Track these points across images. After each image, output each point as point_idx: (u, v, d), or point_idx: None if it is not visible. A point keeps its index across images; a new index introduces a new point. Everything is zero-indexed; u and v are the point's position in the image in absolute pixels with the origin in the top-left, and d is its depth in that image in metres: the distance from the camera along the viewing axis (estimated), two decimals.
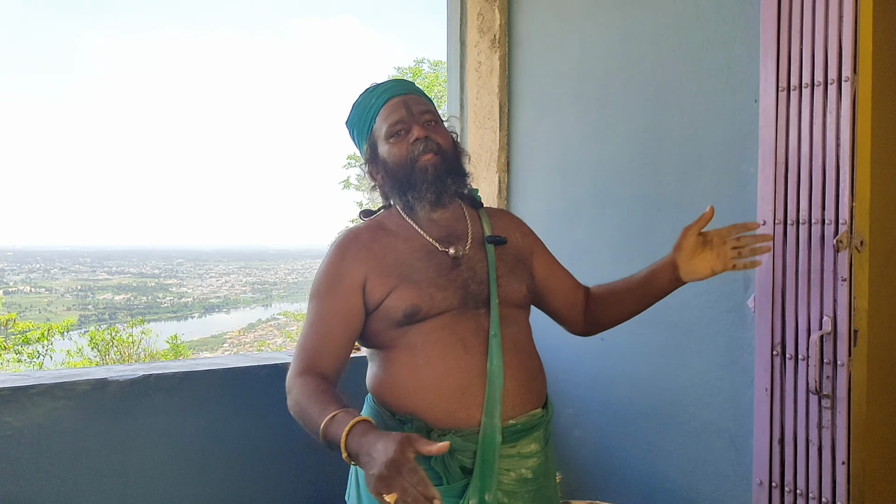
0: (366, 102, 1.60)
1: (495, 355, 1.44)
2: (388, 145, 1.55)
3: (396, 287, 1.48)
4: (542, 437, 1.52)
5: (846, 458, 1.87)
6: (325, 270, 1.54)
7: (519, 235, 1.70)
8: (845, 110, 1.88)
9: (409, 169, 1.52)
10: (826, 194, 1.91)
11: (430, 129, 1.55)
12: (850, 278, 1.87)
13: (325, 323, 1.50)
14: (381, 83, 1.61)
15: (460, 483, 1.42)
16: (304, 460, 2.54)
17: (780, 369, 1.98)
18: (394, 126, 1.54)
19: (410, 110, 1.55)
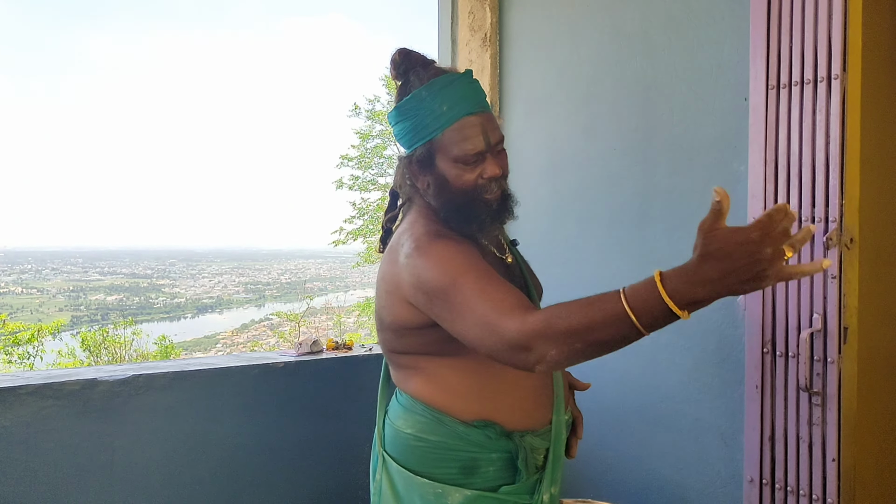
0: (433, 106, 1.40)
1: None
2: (455, 167, 1.41)
3: None
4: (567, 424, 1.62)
5: (836, 454, 1.87)
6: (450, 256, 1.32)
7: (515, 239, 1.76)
8: (835, 108, 1.88)
9: (472, 199, 1.43)
10: (816, 192, 1.91)
11: (501, 162, 1.45)
12: (840, 276, 1.88)
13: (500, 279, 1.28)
14: (454, 83, 1.42)
15: (532, 479, 1.46)
16: (295, 459, 2.54)
17: (771, 366, 1.98)
18: (468, 152, 1.40)
19: (488, 139, 1.42)
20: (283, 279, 41.49)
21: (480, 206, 1.43)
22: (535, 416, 1.48)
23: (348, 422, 2.65)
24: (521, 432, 1.45)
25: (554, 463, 1.48)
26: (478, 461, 1.43)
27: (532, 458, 1.45)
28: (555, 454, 1.48)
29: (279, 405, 2.50)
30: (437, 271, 1.30)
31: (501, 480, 1.44)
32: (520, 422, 1.45)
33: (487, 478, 1.43)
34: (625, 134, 2.47)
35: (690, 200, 2.26)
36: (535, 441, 1.46)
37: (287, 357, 2.58)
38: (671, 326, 2.31)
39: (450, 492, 1.41)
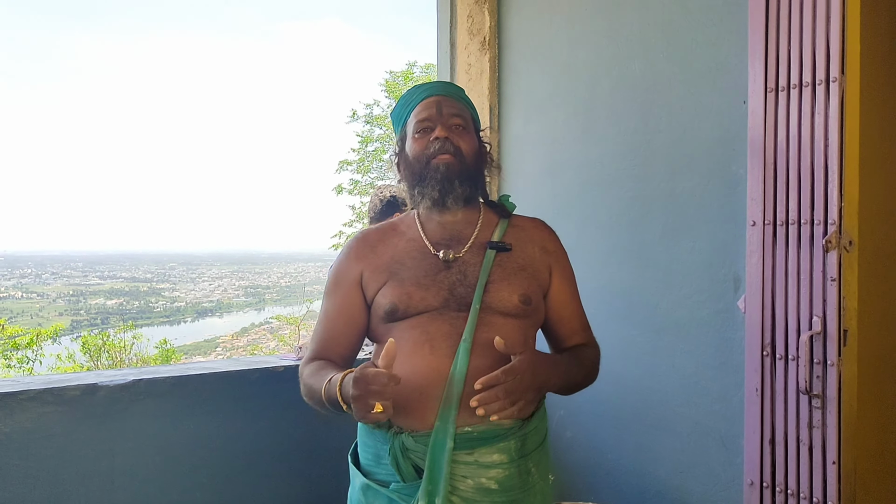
0: (406, 98, 1.65)
1: (461, 360, 1.42)
2: (412, 140, 1.60)
3: (385, 284, 1.54)
4: (513, 449, 1.45)
5: (837, 457, 1.87)
6: (333, 269, 1.64)
7: (538, 250, 1.64)
8: (833, 111, 1.88)
9: (424, 165, 1.56)
10: (815, 195, 1.91)
11: (453, 132, 1.58)
12: (840, 278, 1.88)
13: (330, 318, 1.61)
14: (424, 84, 1.66)
15: (414, 483, 1.42)
16: (296, 463, 2.53)
17: (771, 369, 1.98)
18: (421, 122, 1.59)
19: (441, 110, 1.58)
20: (283, 283, 41.46)
21: (429, 172, 1.56)
22: (416, 417, 1.43)
23: (347, 425, 2.64)
24: (399, 428, 1.46)
25: (432, 471, 1.38)
26: (378, 451, 1.49)
27: (405, 458, 1.43)
28: (432, 460, 1.39)
29: (280, 409, 2.50)
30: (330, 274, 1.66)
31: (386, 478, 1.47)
32: (400, 418, 1.45)
33: (389, 471, 1.46)
34: (623, 136, 2.47)
35: (690, 203, 2.26)
36: (408, 441, 1.42)
37: (287, 361, 2.58)
38: (670, 330, 2.32)
39: (355, 475, 1.55)
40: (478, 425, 1.42)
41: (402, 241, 1.61)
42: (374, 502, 1.47)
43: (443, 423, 1.39)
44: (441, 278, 1.51)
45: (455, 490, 1.40)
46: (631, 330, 2.44)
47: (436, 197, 1.55)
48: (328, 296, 1.63)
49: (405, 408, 1.43)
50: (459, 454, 1.40)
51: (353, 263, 1.60)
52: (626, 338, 2.44)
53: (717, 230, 2.18)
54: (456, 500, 1.40)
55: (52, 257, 54.92)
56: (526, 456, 1.47)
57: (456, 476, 1.40)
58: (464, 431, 1.41)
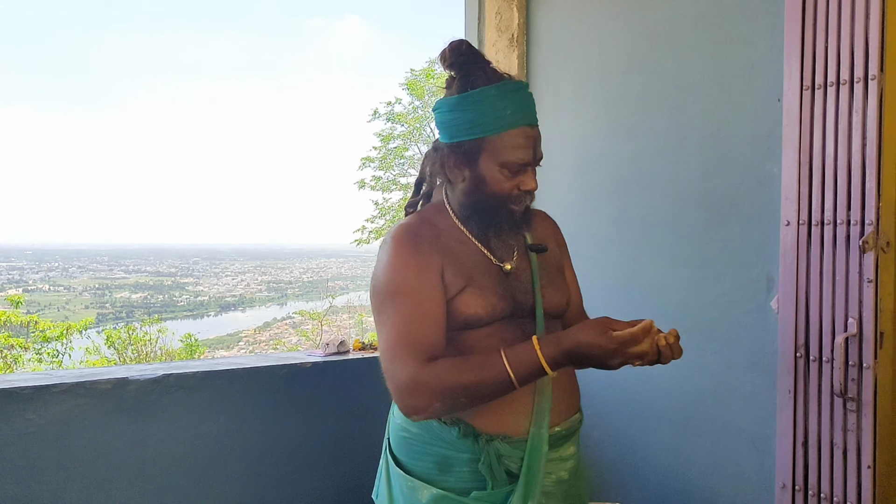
0: (497, 105, 1.42)
1: None
2: (497, 171, 1.44)
3: (465, 289, 1.44)
4: (577, 440, 1.56)
5: (871, 461, 1.84)
6: (403, 264, 1.41)
7: (555, 245, 1.68)
8: (871, 109, 1.85)
9: (501, 205, 1.47)
10: (851, 195, 1.88)
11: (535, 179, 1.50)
12: (876, 280, 1.84)
13: (427, 312, 1.39)
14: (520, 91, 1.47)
15: (505, 488, 1.42)
16: (323, 459, 2.55)
17: (804, 371, 1.96)
18: (517, 160, 1.43)
19: (535, 154, 1.47)
20: (306, 278, 41.66)
21: (504, 214, 1.49)
22: (509, 424, 1.43)
23: (374, 422, 2.65)
24: (490, 436, 1.42)
25: (528, 476, 1.40)
26: (449, 459, 1.44)
27: (499, 465, 1.41)
28: (529, 466, 1.41)
29: (307, 405, 2.51)
30: (387, 275, 1.42)
31: (475, 484, 1.42)
32: (490, 426, 1.42)
33: (462, 478, 1.43)
34: (656, 135, 2.45)
35: (723, 202, 2.23)
36: (503, 448, 1.41)
37: (314, 357, 2.59)
38: (701, 329, 2.30)
39: (419, 487, 1.45)
40: (563, 423, 1.50)
41: (455, 244, 1.49)
42: None
43: (538, 428, 1.43)
44: (507, 286, 1.50)
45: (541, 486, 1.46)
46: (661, 327, 2.41)
47: (500, 233, 1.51)
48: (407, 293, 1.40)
49: (495, 416, 1.44)
50: (549, 453, 1.46)
51: (432, 256, 1.43)
52: None
53: (751, 229, 2.16)
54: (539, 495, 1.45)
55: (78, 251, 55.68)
56: (580, 443, 1.59)
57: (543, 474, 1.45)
58: (554, 432, 1.47)
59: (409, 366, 1.34)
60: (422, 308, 1.39)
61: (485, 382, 1.32)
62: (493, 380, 1.31)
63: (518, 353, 1.32)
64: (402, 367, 1.34)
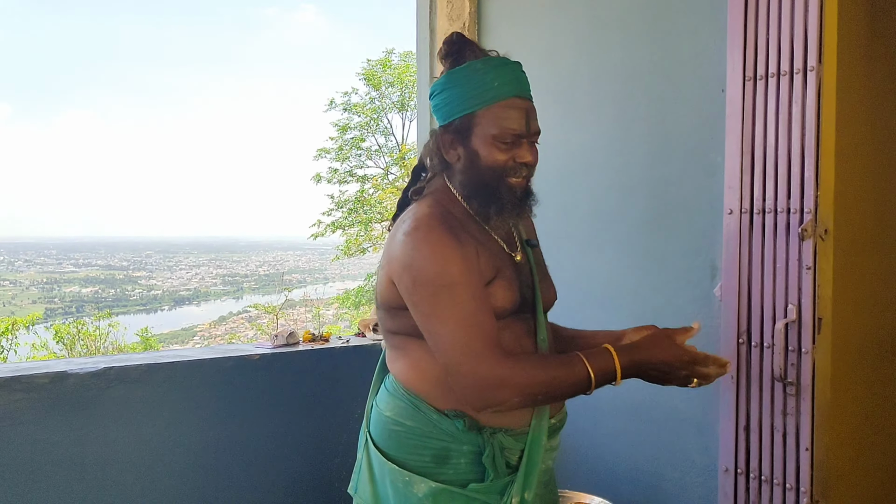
0: (485, 79, 1.41)
1: None
2: (490, 145, 1.41)
3: (495, 279, 1.42)
4: (561, 431, 1.60)
5: (809, 444, 1.89)
6: (450, 254, 1.35)
7: (536, 239, 1.69)
8: (810, 100, 1.88)
9: (498, 180, 1.43)
10: (791, 183, 1.92)
11: (534, 153, 1.47)
12: (815, 266, 1.89)
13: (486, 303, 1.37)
14: (508, 65, 1.46)
15: (503, 480, 1.42)
16: (272, 452, 2.52)
17: (746, 357, 1.99)
18: (508, 132, 1.41)
19: (529, 126, 1.44)
20: (262, 271, 41.20)
21: (504, 189, 1.44)
22: (511, 415, 1.43)
23: (325, 414, 2.63)
24: (494, 429, 1.41)
25: (528, 467, 1.42)
26: (449, 451, 1.42)
27: (501, 457, 1.41)
28: (530, 458, 1.43)
29: (255, 397, 2.48)
30: (437, 265, 1.34)
31: (473, 476, 1.41)
32: (493, 418, 1.41)
33: (459, 471, 1.42)
34: (604, 125, 2.46)
35: (669, 191, 2.26)
36: (506, 440, 1.42)
37: (263, 349, 2.56)
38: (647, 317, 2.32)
39: (416, 481, 1.41)
40: (557, 415, 1.53)
41: (477, 234, 1.46)
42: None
43: (538, 420, 1.45)
44: (519, 279, 1.50)
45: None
46: (609, 317, 2.44)
47: (504, 215, 1.47)
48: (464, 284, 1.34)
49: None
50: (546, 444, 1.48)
51: (469, 243, 1.40)
52: (604, 325, 2.43)
53: (696, 218, 2.19)
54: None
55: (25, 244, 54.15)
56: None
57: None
58: (550, 423, 1.49)
59: (490, 360, 1.30)
60: (480, 299, 1.35)
61: (565, 382, 1.34)
62: (573, 380, 1.34)
63: (597, 358, 1.37)
64: (484, 362, 1.30)
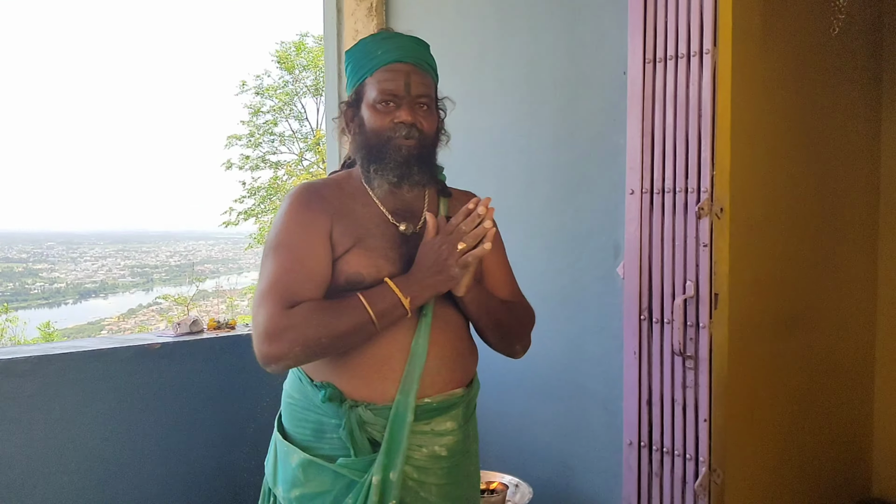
0: (370, 49, 1.47)
1: (422, 333, 1.42)
2: (372, 110, 1.45)
3: (352, 249, 1.43)
4: (461, 416, 1.49)
5: (708, 415, 1.95)
6: (289, 219, 1.42)
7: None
8: (706, 82, 1.94)
9: (384, 143, 1.44)
10: (689, 164, 1.97)
11: (419, 115, 1.46)
12: (711, 244, 1.95)
13: (301, 262, 1.38)
14: (396, 36, 1.50)
15: (370, 457, 1.39)
16: (173, 443, 2.43)
17: (648, 333, 2.05)
18: (385, 95, 1.44)
19: (409, 87, 1.45)
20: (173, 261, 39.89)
21: (389, 151, 1.44)
22: (375, 389, 1.40)
23: (231, 403, 2.56)
24: (356, 402, 1.40)
25: (390, 445, 1.38)
26: (323, 425, 1.41)
27: (362, 432, 1.39)
28: (392, 435, 1.38)
29: (156, 388, 2.38)
30: (275, 229, 1.44)
31: (347, 452, 1.40)
32: (356, 391, 1.40)
33: (334, 446, 1.40)
34: (510, 107, 2.47)
35: (573, 172, 2.29)
36: (366, 414, 1.38)
37: (164, 338, 2.46)
38: (554, 297, 2.36)
39: (291, 452, 1.43)
40: (436, 395, 1.44)
41: (356, 205, 1.48)
42: (315, 479, 1.41)
43: (404, 396, 1.39)
44: (403, 251, 1.46)
45: (409, 460, 1.40)
46: None
47: (393, 181, 1.46)
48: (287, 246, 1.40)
49: (363, 380, 1.40)
50: (417, 425, 1.41)
51: (321, 215, 1.43)
52: None
53: (600, 199, 2.23)
54: (408, 469, 1.40)
55: None
56: (468, 421, 1.52)
57: (411, 446, 1.41)
58: (423, 403, 1.42)
59: (269, 311, 1.32)
60: (300, 261, 1.38)
61: (345, 322, 1.32)
62: (353, 319, 1.32)
63: (374, 293, 1.34)
64: (264, 313, 1.33)
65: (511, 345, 1.61)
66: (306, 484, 1.41)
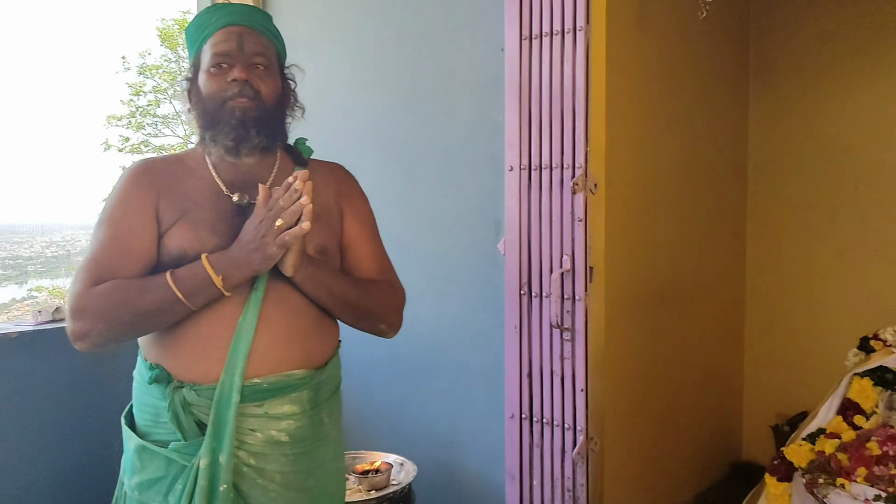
0: (204, 19, 1.45)
1: (251, 309, 1.35)
2: (207, 75, 1.42)
3: (175, 224, 1.38)
4: (306, 400, 1.41)
5: (584, 385, 2.01)
6: (117, 195, 1.41)
7: (332, 194, 1.56)
8: (580, 59, 1.97)
9: (219, 106, 1.40)
10: (564, 140, 2.01)
11: (254, 74, 1.42)
12: (586, 219, 1.99)
13: (119, 240, 1.36)
14: (230, 4, 1.48)
15: (197, 440, 1.32)
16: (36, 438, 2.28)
17: (528, 307, 2.08)
18: (218, 57, 1.41)
19: (242, 46, 1.41)
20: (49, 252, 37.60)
21: (223, 116, 1.40)
22: (200, 369, 1.34)
23: (102, 393, 2.43)
24: (181, 383, 1.34)
25: (216, 427, 1.31)
26: (158, 409, 1.35)
27: (188, 414, 1.33)
28: (217, 416, 1.32)
29: (13, 379, 2.22)
30: (103, 207, 1.43)
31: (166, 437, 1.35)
32: (182, 371, 1.34)
33: (168, 430, 1.35)
34: (391, 84, 2.45)
35: (455, 150, 2.29)
36: (191, 395, 1.33)
37: (23, 326, 2.30)
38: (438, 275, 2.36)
39: (129, 439, 1.40)
40: (268, 376, 1.36)
41: (191, 178, 1.43)
42: (150, 465, 1.35)
43: (229, 375, 1.31)
44: (236, 223, 1.38)
45: (242, 445, 1.33)
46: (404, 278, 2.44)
47: (229, 146, 1.40)
48: (111, 222, 1.38)
49: (188, 360, 1.34)
50: (248, 407, 1.33)
51: (147, 190, 1.40)
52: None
53: (481, 176, 2.24)
54: (243, 454, 1.33)
55: None
56: (319, 406, 1.44)
57: (243, 430, 1.33)
58: (252, 383, 1.34)
59: (76, 289, 1.31)
60: (117, 238, 1.36)
61: (147, 300, 1.29)
62: (156, 297, 1.29)
63: (186, 268, 1.31)
64: (72, 291, 1.31)
65: (374, 325, 1.55)
66: (143, 471, 1.36)
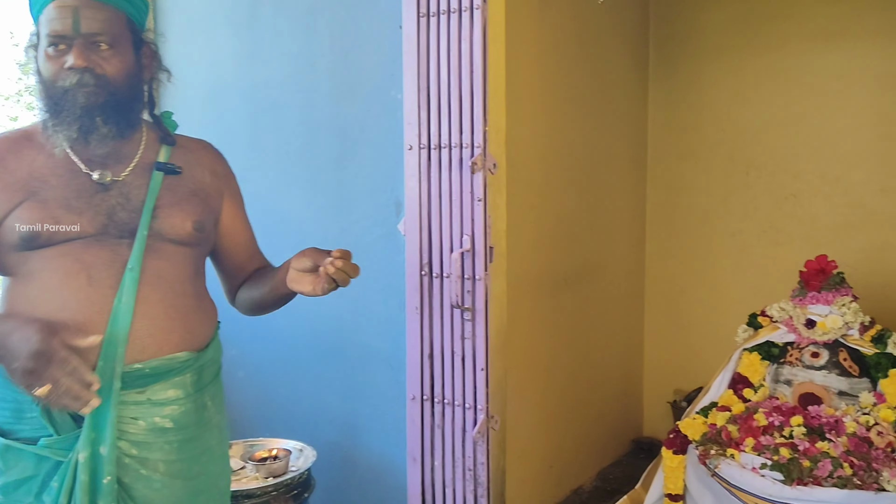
0: None
1: (127, 290, 1.27)
2: (45, 56, 1.29)
3: (20, 205, 1.27)
4: (189, 383, 1.35)
5: (485, 364, 2.01)
6: None
7: (208, 173, 1.48)
8: (477, 38, 1.95)
9: (60, 95, 1.28)
10: (463, 119, 1.99)
11: (96, 56, 1.29)
12: (485, 199, 1.99)
13: None
14: None
15: (73, 433, 1.24)
16: None
17: (429, 287, 2.06)
18: (52, 38, 1.28)
19: (78, 26, 1.26)
20: None
21: (65, 102, 1.28)
22: None
23: None
24: None
25: (95, 418, 1.23)
26: (21, 405, 1.26)
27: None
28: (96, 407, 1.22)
29: None
30: None
31: (47, 431, 1.25)
32: None
33: (35, 426, 1.26)
34: (288, 60, 2.37)
35: (353, 128, 2.25)
36: None
37: None
38: None
39: None
40: (150, 360, 1.29)
41: (41, 155, 1.32)
42: (16, 465, 1.26)
43: (107, 362, 1.23)
44: (97, 201, 1.30)
45: (123, 434, 1.26)
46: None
47: (74, 137, 1.29)
48: None
49: None
50: (129, 394, 1.26)
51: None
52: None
53: (380, 155, 2.20)
54: (124, 445, 1.26)
55: None
56: (202, 389, 1.38)
57: (125, 419, 1.26)
58: (133, 369, 1.27)
59: None
60: None
61: None
62: None
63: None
64: None
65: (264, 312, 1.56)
66: (7, 472, 1.26)
